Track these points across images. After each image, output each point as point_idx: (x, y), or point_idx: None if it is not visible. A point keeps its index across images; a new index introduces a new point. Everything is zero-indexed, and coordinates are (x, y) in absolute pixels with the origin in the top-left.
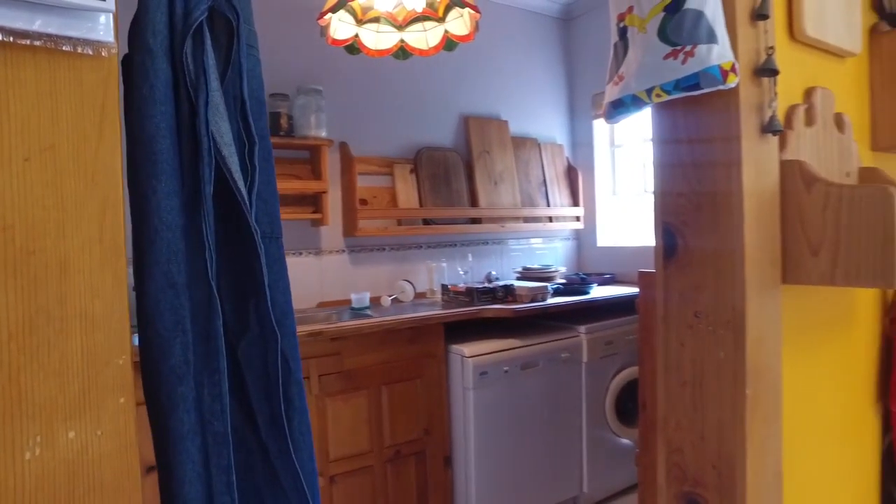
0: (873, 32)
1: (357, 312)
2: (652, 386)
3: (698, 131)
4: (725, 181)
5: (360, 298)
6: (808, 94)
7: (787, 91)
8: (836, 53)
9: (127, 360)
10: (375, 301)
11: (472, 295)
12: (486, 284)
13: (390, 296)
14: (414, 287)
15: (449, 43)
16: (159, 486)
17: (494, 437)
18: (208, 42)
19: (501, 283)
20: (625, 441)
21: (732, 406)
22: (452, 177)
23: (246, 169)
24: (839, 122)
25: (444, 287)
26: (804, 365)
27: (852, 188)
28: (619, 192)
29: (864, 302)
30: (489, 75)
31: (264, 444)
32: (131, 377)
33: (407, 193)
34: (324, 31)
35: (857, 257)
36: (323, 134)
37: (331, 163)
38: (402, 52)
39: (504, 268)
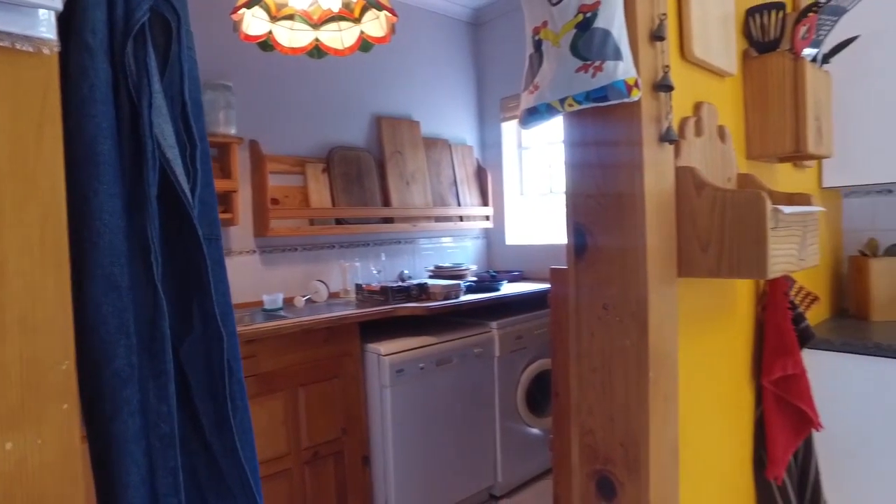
0: (745, 57)
1: (270, 314)
2: (564, 375)
3: (605, 138)
4: (629, 184)
5: (273, 300)
6: (697, 107)
7: (679, 105)
8: (718, 73)
9: (71, 364)
10: (289, 302)
11: (387, 294)
12: (401, 283)
13: (304, 296)
14: (328, 287)
15: (364, 44)
16: (97, 494)
17: (412, 433)
18: (150, 43)
19: (416, 281)
20: (535, 430)
21: (637, 388)
22: (365, 176)
23: (188, 171)
24: (721, 133)
25: (358, 287)
26: (695, 348)
27: (733, 192)
28: (527, 192)
29: (743, 292)
30: (401, 77)
31: (208, 444)
32: (75, 382)
33: (319, 193)
34: (237, 26)
35: (738, 253)
36: (232, 131)
37: (240, 161)
38: (317, 51)
39: (416, 267)
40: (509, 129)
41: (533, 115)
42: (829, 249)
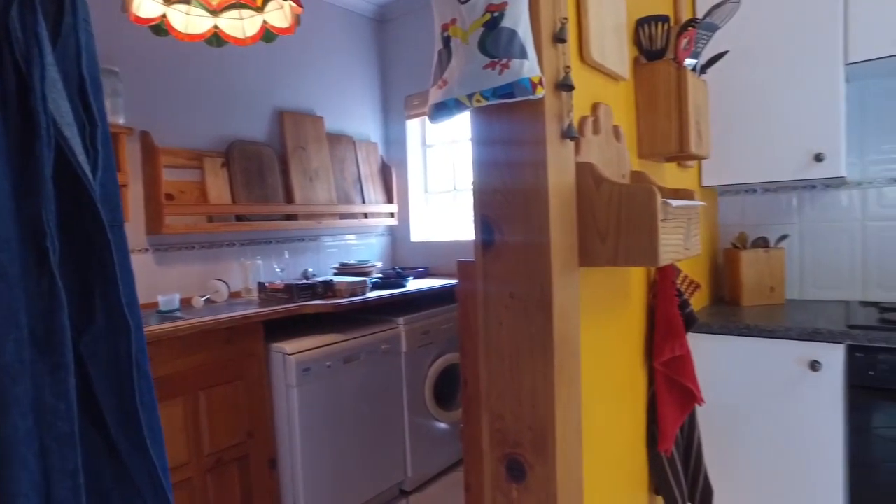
0: (636, 64)
1: (165, 315)
2: (473, 364)
3: (511, 135)
4: (534, 179)
5: (169, 300)
6: (595, 108)
7: (579, 104)
8: (613, 77)
9: None
10: (186, 303)
11: (292, 292)
12: (306, 281)
13: (203, 296)
14: (228, 286)
15: (268, 34)
16: None
17: (320, 433)
18: (39, 10)
19: (321, 279)
20: (443, 424)
21: (543, 373)
22: (267, 172)
23: (88, 152)
24: (616, 132)
25: (261, 285)
26: (595, 334)
27: (628, 187)
28: (431, 189)
29: (636, 281)
30: (305, 70)
31: (113, 443)
32: None
33: (218, 188)
34: (125, 5)
35: (632, 243)
36: (120, 121)
37: (130, 153)
38: (216, 38)
39: (321, 264)
40: (414, 126)
41: (441, 109)
42: (708, 242)
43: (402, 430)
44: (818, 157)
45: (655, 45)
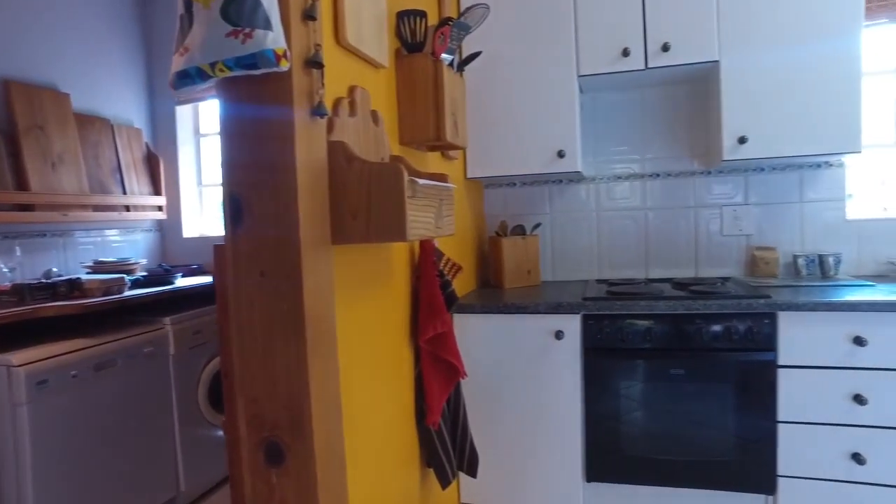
0: (398, 54)
1: None
2: (231, 352)
3: (259, 109)
4: (282, 155)
5: None
6: (351, 90)
7: (335, 86)
8: (372, 63)
9: None
10: None
11: (22, 293)
12: (44, 280)
13: None
14: None
15: None
16: None
17: (61, 455)
18: None
19: (65, 277)
20: (221, 431)
21: (296, 351)
22: None
23: None
24: (375, 117)
25: None
26: (355, 312)
27: (378, 165)
28: (206, 181)
29: (399, 262)
30: (41, 35)
31: None
32: None
33: None
34: None
35: (382, 219)
36: None
37: None
38: None
39: (70, 263)
40: (185, 113)
41: (184, 78)
42: (475, 231)
43: (172, 441)
44: (560, 154)
45: (415, 38)
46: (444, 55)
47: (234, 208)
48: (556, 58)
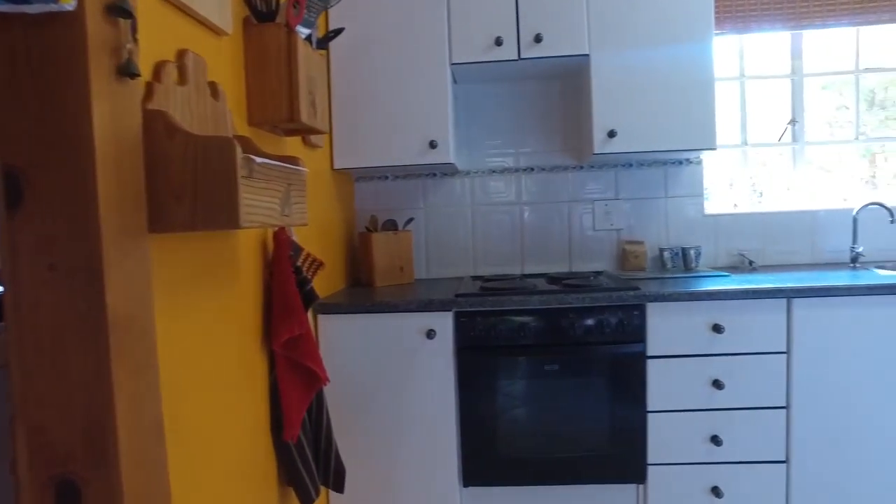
0: (246, 23)
1: None
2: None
3: (41, 58)
4: (74, 121)
5: None
6: (181, 55)
7: (158, 45)
8: (211, 28)
9: None
10: None
11: None
12: None
13: None
14: None
15: None
16: None
17: None
18: None
19: None
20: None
21: (96, 361)
22: None
23: None
24: (214, 90)
25: None
26: (188, 313)
27: (206, 138)
28: None
29: (248, 256)
30: None
31: None
32: None
33: None
34: None
35: (210, 202)
36: None
37: None
38: None
39: None
40: None
41: None
42: (344, 226)
43: None
44: (432, 144)
45: (268, 5)
46: (299, 28)
47: (12, 186)
48: (427, 43)
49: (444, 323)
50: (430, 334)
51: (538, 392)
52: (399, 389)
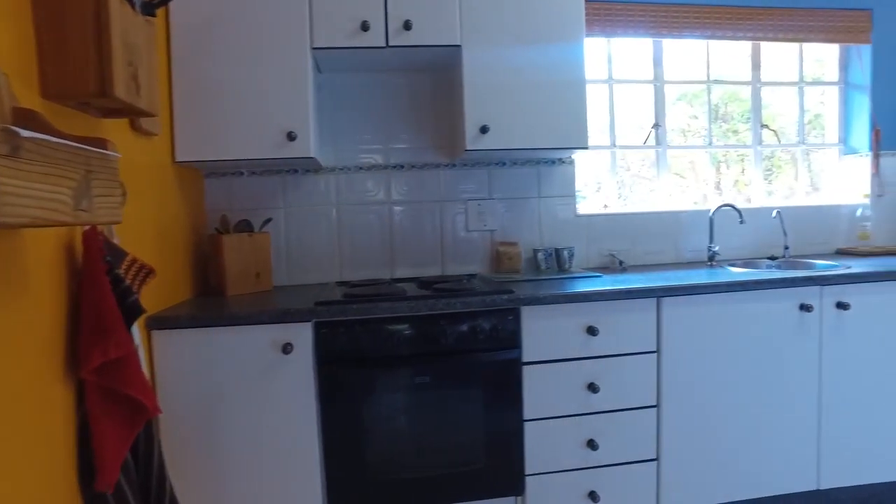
0: None
1: None
2: None
3: None
4: None
5: None
6: None
7: None
8: None
9: None
10: None
11: None
12: None
13: None
14: None
15: None
16: None
17: None
18: None
19: None
20: None
21: None
22: None
23: None
24: None
25: None
26: None
27: None
28: None
29: (42, 261)
30: None
31: None
32: None
33: None
34: None
35: None
36: None
37: None
38: None
39: None
40: None
41: None
42: (191, 228)
43: None
44: (291, 136)
45: None
46: None
47: None
48: (286, 24)
49: (302, 335)
50: (287, 349)
51: (410, 407)
52: (251, 415)
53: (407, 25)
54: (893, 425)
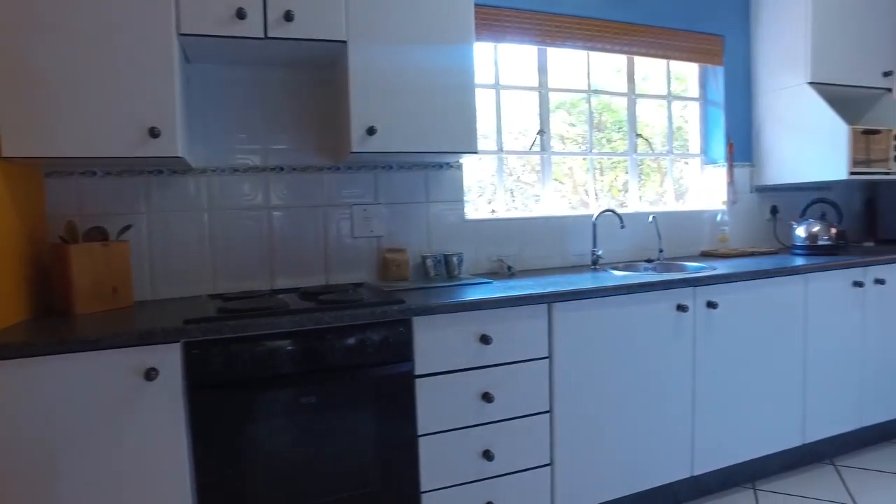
0: None
1: None
2: None
3: None
4: None
5: None
6: None
7: None
8: None
9: None
10: None
11: None
12: None
13: None
14: None
15: None
16: None
17: None
18: None
19: None
20: None
21: None
22: None
23: None
24: None
25: None
26: None
27: None
28: None
29: None
30: None
31: None
32: None
33: None
34: None
35: None
36: None
37: None
38: None
39: None
40: None
41: None
42: (27, 236)
43: None
44: (154, 132)
45: None
46: None
47: None
48: (147, 4)
49: (169, 358)
50: (151, 374)
51: (295, 431)
52: (106, 459)
53: (288, 16)
54: (754, 409)
